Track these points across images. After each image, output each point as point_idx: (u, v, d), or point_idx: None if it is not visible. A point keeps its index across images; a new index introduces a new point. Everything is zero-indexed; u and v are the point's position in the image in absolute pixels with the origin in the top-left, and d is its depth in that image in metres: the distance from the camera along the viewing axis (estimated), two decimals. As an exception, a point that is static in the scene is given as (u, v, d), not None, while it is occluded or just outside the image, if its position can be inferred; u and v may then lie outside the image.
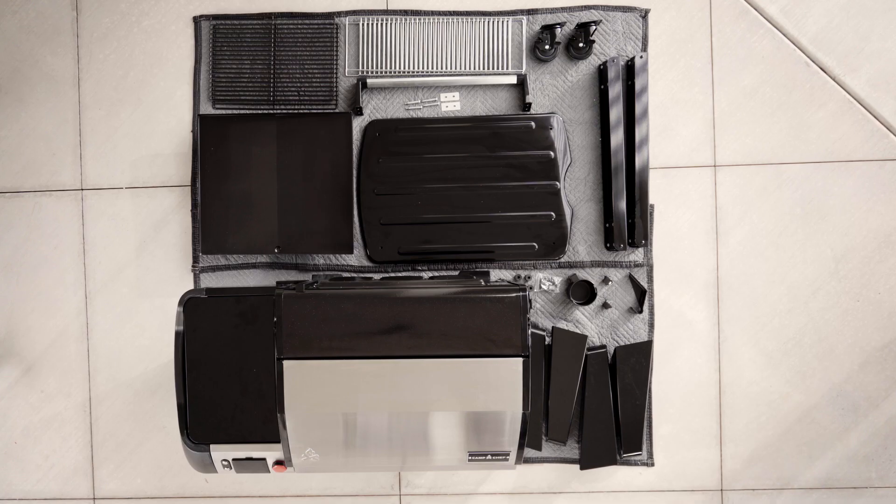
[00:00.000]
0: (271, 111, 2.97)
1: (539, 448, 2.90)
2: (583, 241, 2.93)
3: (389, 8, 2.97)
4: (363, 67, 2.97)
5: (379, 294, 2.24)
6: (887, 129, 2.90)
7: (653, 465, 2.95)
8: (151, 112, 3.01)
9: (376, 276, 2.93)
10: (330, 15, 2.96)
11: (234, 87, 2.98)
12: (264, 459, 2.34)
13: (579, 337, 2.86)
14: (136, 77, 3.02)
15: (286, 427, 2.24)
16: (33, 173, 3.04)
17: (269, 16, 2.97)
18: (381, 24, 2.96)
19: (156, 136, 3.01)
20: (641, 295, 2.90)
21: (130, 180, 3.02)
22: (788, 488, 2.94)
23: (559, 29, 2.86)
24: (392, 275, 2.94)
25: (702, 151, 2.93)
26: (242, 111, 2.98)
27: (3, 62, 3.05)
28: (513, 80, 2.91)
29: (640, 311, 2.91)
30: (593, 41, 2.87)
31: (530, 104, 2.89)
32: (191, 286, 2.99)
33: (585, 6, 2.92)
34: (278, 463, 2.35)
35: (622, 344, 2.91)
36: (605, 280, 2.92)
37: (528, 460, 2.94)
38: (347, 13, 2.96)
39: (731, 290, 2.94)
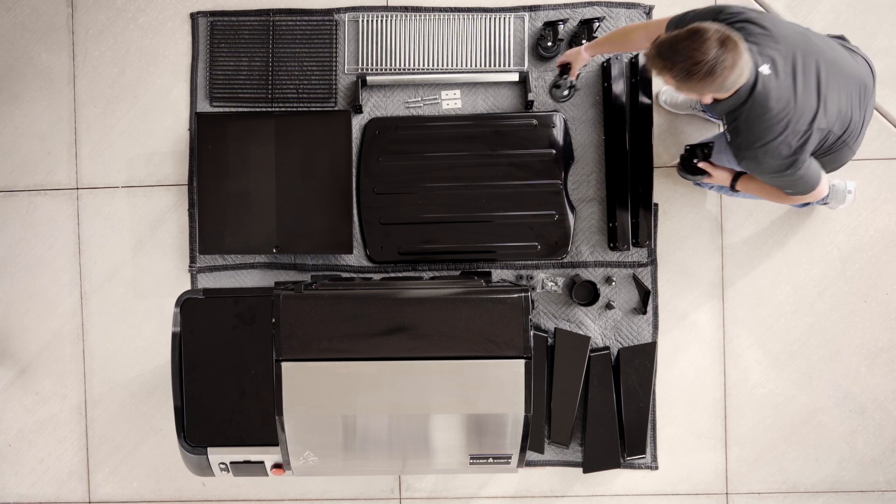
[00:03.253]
0: (270, 109, 2.95)
1: (541, 451, 2.87)
2: (586, 240, 2.90)
3: (389, 4, 2.94)
4: (363, 65, 2.94)
5: (379, 295, 2.23)
6: (895, 127, 2.87)
7: (657, 468, 2.92)
8: (148, 110, 2.98)
9: (376, 277, 2.90)
10: (329, 11, 2.93)
11: (232, 84, 2.95)
12: (262, 462, 2.32)
13: (582, 338, 2.83)
14: (133, 74, 2.99)
15: (284, 430, 2.22)
16: (28, 172, 3.01)
17: (267, 12, 2.94)
18: (381, 21, 2.93)
19: (152, 134, 2.98)
20: (645, 295, 2.87)
21: (126, 179, 2.99)
22: (794, 492, 2.91)
23: (562, 26, 2.83)
24: (392, 275, 2.92)
25: (706, 150, 2.90)
26: (240, 109, 2.95)
27: (-2, 59, 3.03)
28: (515, 77, 2.88)
29: (644, 312, 2.88)
30: (596, 38, 2.84)
31: (532, 102, 2.86)
32: (188, 287, 2.96)
33: (588, 2, 2.89)
34: (277, 466, 2.33)
35: (626, 345, 2.88)
36: (609, 280, 2.89)
37: (530, 463, 2.91)
38: (347, 9, 2.94)
39: (737, 291, 2.91)
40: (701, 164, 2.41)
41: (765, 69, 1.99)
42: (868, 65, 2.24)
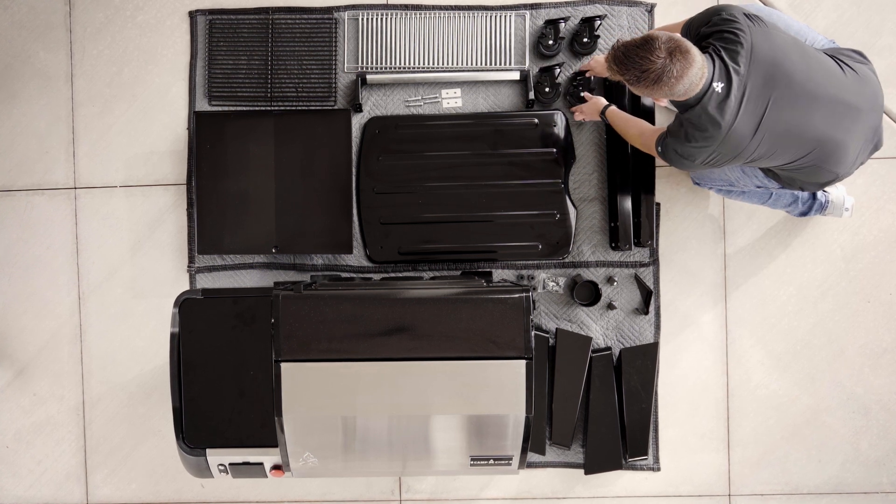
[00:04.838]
0: (269, 108, 2.93)
1: (543, 452, 2.85)
2: (587, 240, 2.89)
3: (389, 2, 2.93)
4: (363, 63, 2.93)
5: (379, 295, 2.21)
6: (898, 126, 2.86)
7: (659, 469, 2.90)
8: (146, 109, 2.97)
9: (376, 277, 2.89)
10: (329, 10, 2.92)
11: (231, 83, 2.94)
12: (262, 464, 2.31)
13: (583, 339, 2.81)
14: (131, 73, 2.97)
15: (284, 431, 2.20)
16: (25, 171, 2.99)
17: (266, 10, 2.93)
18: (381, 19, 2.91)
19: (151, 133, 2.97)
20: (647, 296, 2.85)
21: (125, 179, 2.98)
22: (797, 493, 2.89)
23: (563, 24, 2.81)
24: (392, 275, 2.90)
25: (709, 149, 2.88)
26: (239, 108, 2.94)
27: (-5, 58, 3.01)
28: (516, 76, 2.86)
29: (646, 313, 2.86)
30: (598, 36, 2.82)
31: (534, 101, 2.84)
32: (186, 287, 2.94)
33: (590, 0, 2.87)
34: (276, 467, 2.32)
35: (627, 346, 2.86)
36: (610, 280, 2.87)
37: (531, 465, 2.90)
38: (346, 8, 2.92)
39: (739, 291, 2.89)
40: (584, 94, 2.72)
41: (717, 87, 2.06)
42: (871, 87, 2.22)
